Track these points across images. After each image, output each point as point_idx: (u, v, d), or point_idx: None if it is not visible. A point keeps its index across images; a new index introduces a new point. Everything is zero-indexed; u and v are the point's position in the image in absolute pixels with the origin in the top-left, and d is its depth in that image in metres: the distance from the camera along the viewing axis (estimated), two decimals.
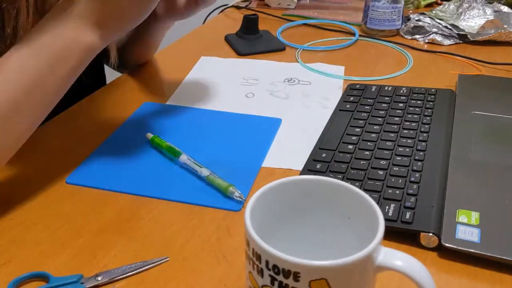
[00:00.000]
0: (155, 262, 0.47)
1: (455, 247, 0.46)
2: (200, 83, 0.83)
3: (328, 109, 0.74)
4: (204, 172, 0.57)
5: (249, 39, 0.98)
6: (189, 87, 0.82)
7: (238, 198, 0.54)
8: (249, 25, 0.98)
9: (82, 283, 0.44)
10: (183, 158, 0.60)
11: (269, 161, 0.62)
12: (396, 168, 0.57)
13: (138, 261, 0.47)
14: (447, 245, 0.47)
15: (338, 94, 0.78)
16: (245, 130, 0.68)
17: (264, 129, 0.69)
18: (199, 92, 0.80)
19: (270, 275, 0.33)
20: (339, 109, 0.72)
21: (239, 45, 0.96)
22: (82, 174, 0.59)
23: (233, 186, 0.55)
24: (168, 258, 0.48)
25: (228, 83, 0.83)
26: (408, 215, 0.50)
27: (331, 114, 0.71)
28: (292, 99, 0.77)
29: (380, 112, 0.70)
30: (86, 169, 0.60)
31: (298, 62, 0.90)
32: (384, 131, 0.65)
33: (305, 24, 1.09)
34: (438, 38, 0.99)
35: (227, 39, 1.00)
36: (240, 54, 0.94)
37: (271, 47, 0.96)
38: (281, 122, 0.71)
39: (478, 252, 0.46)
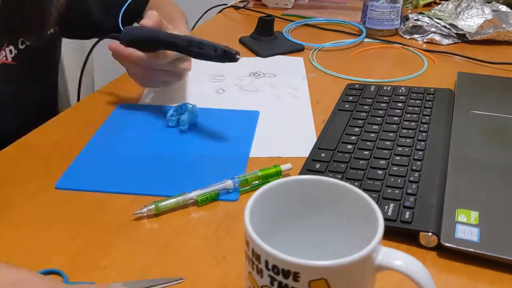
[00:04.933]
0: (171, 282, 0.45)
1: (454, 246, 0.46)
2: None
3: (299, 98, 0.77)
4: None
5: (266, 41, 0.98)
6: (157, 88, 0.79)
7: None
8: (265, 27, 0.98)
9: None
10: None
11: (255, 151, 0.64)
12: (395, 168, 0.57)
13: (147, 276, 0.45)
14: (446, 244, 0.47)
15: (305, 83, 0.82)
16: (227, 124, 0.69)
17: (245, 121, 0.70)
18: (169, 91, 0.79)
19: (269, 275, 0.33)
20: (338, 109, 0.72)
21: (259, 47, 0.96)
22: (70, 178, 0.59)
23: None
24: (184, 279, 0.45)
25: (196, 81, 0.83)
26: (407, 214, 0.50)
27: (303, 103, 0.75)
28: (262, 92, 0.78)
29: (379, 111, 0.70)
30: (73, 173, 0.59)
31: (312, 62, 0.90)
32: (383, 130, 0.65)
33: (306, 25, 1.09)
34: (437, 37, 0.99)
35: (243, 41, 1.00)
36: (263, 56, 0.94)
37: (290, 48, 0.96)
38: (259, 114, 0.72)
39: (477, 251, 0.46)
